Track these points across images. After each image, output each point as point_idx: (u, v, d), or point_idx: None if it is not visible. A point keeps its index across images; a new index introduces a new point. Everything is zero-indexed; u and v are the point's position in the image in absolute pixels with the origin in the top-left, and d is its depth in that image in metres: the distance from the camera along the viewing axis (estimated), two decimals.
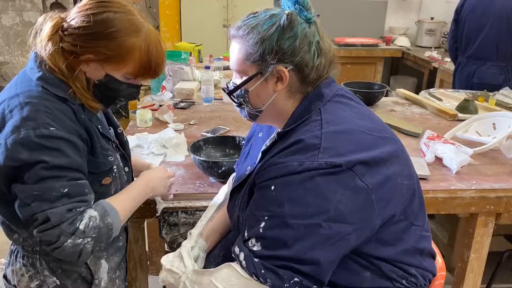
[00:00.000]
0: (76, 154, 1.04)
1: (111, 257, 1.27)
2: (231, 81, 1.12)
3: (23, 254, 1.18)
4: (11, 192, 1.03)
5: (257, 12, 1.05)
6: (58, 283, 1.19)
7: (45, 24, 1.07)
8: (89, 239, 1.03)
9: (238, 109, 1.15)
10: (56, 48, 1.05)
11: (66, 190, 1.02)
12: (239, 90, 1.08)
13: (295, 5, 1.03)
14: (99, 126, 1.16)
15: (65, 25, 1.05)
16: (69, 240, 1.01)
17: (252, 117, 1.13)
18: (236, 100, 1.11)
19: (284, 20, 1.00)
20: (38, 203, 1.00)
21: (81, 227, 1.02)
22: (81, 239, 1.02)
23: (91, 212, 1.05)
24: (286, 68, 1.02)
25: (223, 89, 1.16)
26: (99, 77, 1.08)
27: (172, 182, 1.41)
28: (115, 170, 1.19)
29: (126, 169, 1.29)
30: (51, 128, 1.00)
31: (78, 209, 1.03)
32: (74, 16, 1.05)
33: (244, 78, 1.06)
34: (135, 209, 1.22)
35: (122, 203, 1.16)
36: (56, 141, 1.01)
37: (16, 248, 1.21)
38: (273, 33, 1.00)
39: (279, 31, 1.00)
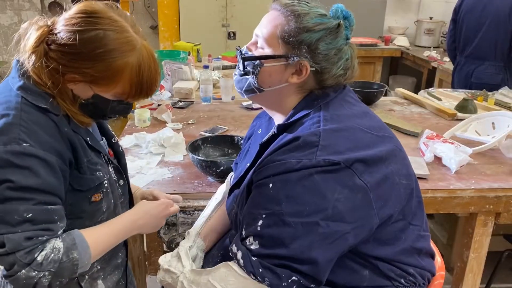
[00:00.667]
0: (49, 175, 0.94)
1: (108, 277, 1.19)
2: (246, 47, 1.09)
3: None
4: None
5: (309, 2, 1.06)
6: None
7: (30, 33, 0.98)
8: (46, 273, 0.91)
9: (237, 77, 1.10)
10: (40, 62, 0.96)
11: (30, 215, 0.91)
12: (255, 60, 1.05)
13: (344, 20, 1.05)
14: (88, 138, 1.07)
15: (50, 38, 0.96)
16: (23, 271, 0.90)
17: (249, 91, 1.10)
18: (244, 68, 1.07)
19: (334, 26, 1.02)
20: None
21: (39, 258, 0.91)
22: (36, 272, 0.90)
23: (56, 243, 0.94)
24: (310, 66, 1.02)
25: (236, 48, 1.11)
26: (87, 96, 1.00)
27: (172, 212, 1.23)
28: (105, 185, 1.09)
29: (121, 182, 1.19)
30: (25, 145, 0.91)
31: (39, 238, 0.92)
32: (60, 29, 0.95)
33: (267, 50, 1.04)
34: (114, 245, 1.08)
35: (99, 237, 1.03)
36: (28, 159, 0.91)
37: None
38: (318, 31, 1.01)
39: (325, 32, 1.01)
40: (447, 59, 4.07)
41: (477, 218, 1.68)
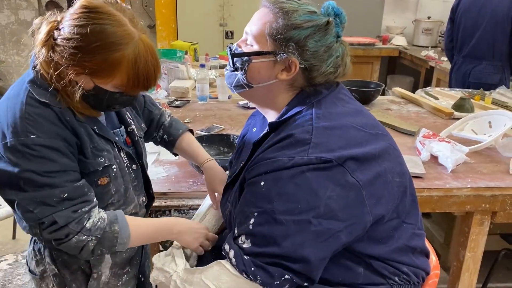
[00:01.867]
0: (61, 157, 1.04)
1: (118, 253, 1.22)
2: (237, 44, 1.09)
3: (33, 239, 1.23)
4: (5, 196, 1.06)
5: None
6: (57, 272, 1.20)
7: (42, 27, 1.05)
8: (93, 238, 1.05)
9: (228, 72, 1.11)
10: (48, 55, 1.02)
11: (66, 195, 1.03)
12: (244, 56, 1.05)
13: (335, 17, 1.04)
14: (95, 127, 1.12)
15: (56, 33, 1.02)
16: (75, 237, 1.04)
17: (239, 87, 1.10)
18: (233, 64, 1.08)
19: (323, 23, 1.01)
20: (41, 209, 1.02)
21: (88, 225, 1.05)
22: (85, 236, 1.05)
23: (102, 214, 1.09)
24: (299, 63, 1.01)
25: (228, 46, 1.13)
26: (88, 88, 1.05)
27: (205, 244, 1.22)
28: (114, 169, 1.15)
29: (134, 167, 1.25)
30: (32, 136, 1.00)
31: (83, 209, 1.05)
32: (64, 24, 1.01)
33: (255, 46, 1.05)
34: (150, 239, 1.22)
35: (139, 223, 1.16)
36: (39, 149, 1.01)
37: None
38: (307, 28, 1.00)
39: (313, 30, 1.00)
40: (445, 58, 4.07)
41: (473, 217, 1.68)
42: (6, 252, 2.47)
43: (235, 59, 1.07)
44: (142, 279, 1.38)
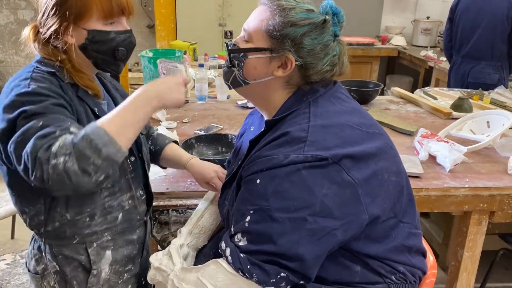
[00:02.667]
0: (57, 104, 1.03)
1: (120, 249, 1.24)
2: (234, 41, 1.10)
3: (33, 238, 1.22)
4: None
5: None
6: (58, 269, 1.20)
7: (26, 31, 1.15)
8: (66, 157, 0.92)
9: (225, 68, 1.12)
10: (42, 42, 1.12)
11: (41, 123, 0.97)
12: (240, 52, 1.06)
13: (333, 16, 1.04)
14: (95, 109, 1.15)
15: (38, 18, 1.12)
16: (49, 166, 0.92)
17: (235, 84, 1.11)
18: (230, 60, 1.09)
19: (320, 21, 1.02)
20: (21, 147, 0.96)
21: (53, 149, 0.93)
22: (55, 160, 0.92)
23: (66, 136, 0.96)
24: (295, 60, 1.01)
25: (226, 43, 1.14)
26: (83, 38, 1.10)
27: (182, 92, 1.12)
28: None
29: (132, 158, 1.25)
30: (33, 86, 1.03)
31: (52, 135, 0.95)
32: (40, 8, 1.13)
33: (252, 43, 1.05)
34: (133, 121, 1.01)
35: (107, 116, 1.00)
36: (38, 96, 1.01)
37: (33, 234, 1.25)
38: (303, 26, 1.01)
39: (310, 27, 1.01)
40: (444, 58, 4.07)
41: (471, 217, 1.68)
42: (4, 252, 2.47)
43: (232, 55, 1.08)
44: (144, 282, 1.38)
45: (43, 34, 1.12)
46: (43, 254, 1.20)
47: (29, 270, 1.26)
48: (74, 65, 1.12)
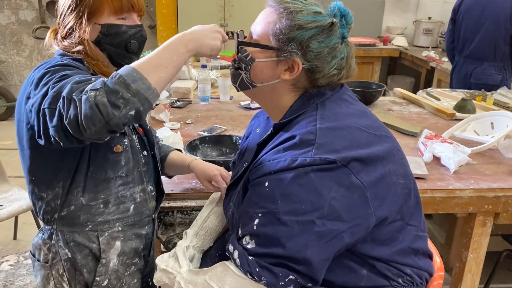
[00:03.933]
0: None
1: (128, 241, 1.27)
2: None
3: (43, 227, 1.24)
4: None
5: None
6: (69, 256, 1.22)
7: (47, 36, 1.24)
8: (97, 92, 0.92)
9: (233, 70, 1.12)
10: (60, 40, 1.20)
11: (77, 78, 0.99)
12: (247, 56, 1.06)
13: (341, 18, 1.04)
14: None
15: (56, 21, 1.19)
16: (82, 101, 0.92)
17: (243, 86, 1.11)
18: (237, 62, 1.09)
19: (327, 24, 1.01)
20: (55, 102, 0.97)
21: (87, 88, 0.94)
22: (86, 95, 0.92)
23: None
24: (302, 64, 1.01)
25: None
26: (97, 33, 1.17)
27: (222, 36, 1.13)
28: (125, 142, 1.22)
29: (145, 153, 1.31)
30: (66, 61, 1.11)
31: (88, 81, 0.97)
32: (58, 13, 1.21)
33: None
34: (166, 62, 0.99)
35: (141, 59, 1.00)
36: (71, 68, 1.09)
37: (41, 227, 1.27)
38: (310, 29, 1.00)
39: (317, 31, 1.00)
40: (445, 59, 4.07)
41: (476, 218, 1.68)
42: (7, 253, 2.47)
43: (237, 57, 1.08)
44: (151, 283, 1.38)
45: (61, 33, 1.20)
46: (54, 242, 1.22)
47: (38, 260, 1.27)
48: (90, 56, 1.18)
